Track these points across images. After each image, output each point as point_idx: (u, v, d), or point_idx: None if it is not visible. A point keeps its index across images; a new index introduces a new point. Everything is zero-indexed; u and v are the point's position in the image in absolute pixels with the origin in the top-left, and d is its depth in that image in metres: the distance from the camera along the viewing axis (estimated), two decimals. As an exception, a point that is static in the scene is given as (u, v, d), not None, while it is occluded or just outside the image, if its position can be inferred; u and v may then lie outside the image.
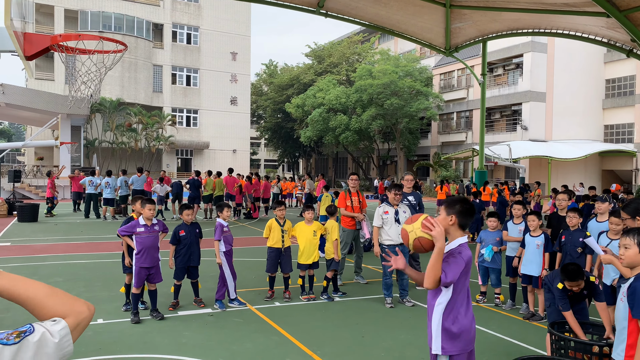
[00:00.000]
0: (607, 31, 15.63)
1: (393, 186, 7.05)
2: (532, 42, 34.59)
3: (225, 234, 6.64)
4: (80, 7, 36.84)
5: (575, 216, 5.30)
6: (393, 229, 6.88)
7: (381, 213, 6.95)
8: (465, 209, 2.95)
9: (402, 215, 6.99)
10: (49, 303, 1.28)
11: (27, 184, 28.43)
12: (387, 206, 7.00)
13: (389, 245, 6.88)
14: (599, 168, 36.35)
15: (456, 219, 2.93)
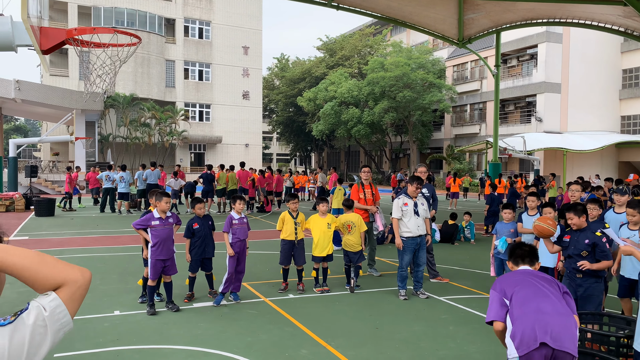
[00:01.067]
0: (624, 20, 15.35)
1: (414, 179, 7.02)
2: (547, 33, 34.09)
3: (235, 226, 6.65)
4: (93, 3, 37.10)
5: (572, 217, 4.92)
6: (412, 221, 6.86)
7: (400, 205, 6.92)
8: None
9: (420, 208, 6.96)
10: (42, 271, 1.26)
11: (43, 179, 28.82)
12: (407, 198, 6.97)
13: (408, 237, 6.87)
14: (615, 160, 35.81)
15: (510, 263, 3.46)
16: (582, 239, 4.90)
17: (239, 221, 6.69)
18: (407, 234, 6.87)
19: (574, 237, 5.00)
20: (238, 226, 6.68)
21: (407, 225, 6.87)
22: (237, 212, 6.74)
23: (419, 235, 6.91)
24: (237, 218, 6.69)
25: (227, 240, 6.61)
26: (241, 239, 6.66)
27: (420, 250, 6.98)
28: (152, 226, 6.16)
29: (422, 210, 6.99)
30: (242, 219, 6.75)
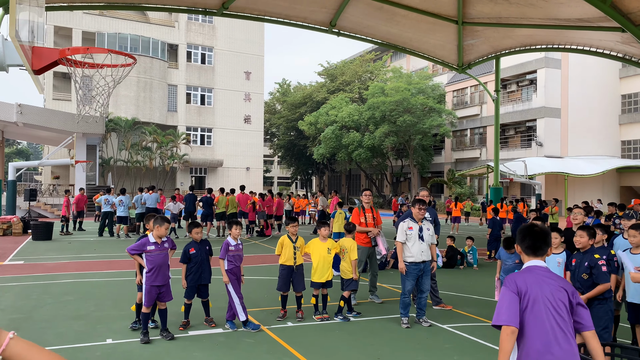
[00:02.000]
0: (622, 46, 15.46)
1: (417, 201, 6.84)
2: (546, 58, 34.41)
3: (232, 252, 6.52)
4: (97, 29, 37.62)
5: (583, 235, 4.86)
6: (416, 245, 6.65)
7: (405, 229, 6.73)
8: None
9: (425, 232, 6.76)
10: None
11: (43, 202, 28.72)
12: (412, 222, 6.78)
13: (411, 262, 6.66)
14: (617, 184, 35.71)
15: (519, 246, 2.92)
16: (583, 261, 4.90)
17: (235, 247, 6.56)
18: (411, 259, 6.67)
19: (578, 261, 5.00)
20: (234, 252, 6.54)
21: (410, 250, 6.67)
22: (233, 238, 6.61)
23: (423, 261, 6.70)
24: (233, 244, 6.56)
25: (223, 266, 6.48)
26: (237, 265, 6.54)
27: (424, 277, 6.76)
28: (147, 251, 6.02)
29: (428, 236, 6.78)
30: (238, 245, 6.63)
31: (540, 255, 2.77)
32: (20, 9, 2.95)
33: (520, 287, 2.64)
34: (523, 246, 2.82)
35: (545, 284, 2.65)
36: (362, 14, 16.47)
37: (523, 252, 2.83)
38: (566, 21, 14.51)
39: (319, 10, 16.18)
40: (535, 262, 2.76)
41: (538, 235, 2.78)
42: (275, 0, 15.31)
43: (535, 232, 2.79)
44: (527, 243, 2.80)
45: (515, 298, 2.61)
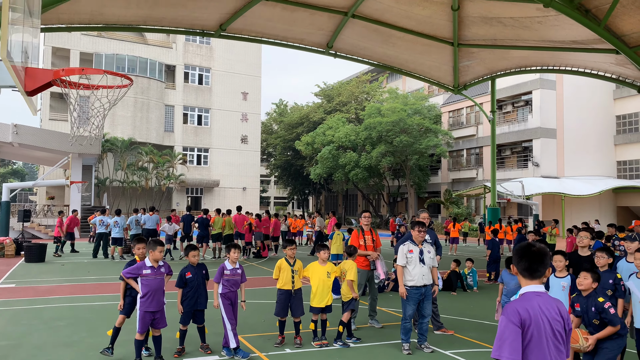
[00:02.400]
0: (616, 67, 15.58)
1: (416, 223, 6.72)
2: (541, 80, 34.74)
3: (227, 277, 6.38)
4: (95, 50, 37.84)
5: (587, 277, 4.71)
6: (417, 269, 6.51)
7: (405, 252, 6.60)
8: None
9: (426, 255, 6.62)
10: None
11: (37, 223, 28.45)
12: (412, 244, 6.65)
13: (412, 286, 6.51)
14: (613, 205, 35.74)
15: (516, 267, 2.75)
16: (589, 306, 4.72)
17: (231, 272, 6.40)
18: (411, 283, 6.51)
19: (583, 306, 4.81)
20: (230, 277, 6.39)
21: (411, 274, 6.53)
22: (231, 262, 6.47)
23: (424, 284, 6.56)
24: (229, 269, 6.41)
25: (216, 290, 6.33)
26: (233, 290, 6.39)
27: (426, 301, 6.60)
28: (142, 275, 5.88)
29: (429, 259, 6.65)
30: (236, 269, 6.48)
31: (537, 278, 2.63)
32: (13, 29, 2.90)
33: (523, 318, 2.50)
34: (520, 268, 2.68)
35: (545, 313, 2.54)
36: (359, 36, 16.58)
37: (520, 274, 2.68)
38: (560, 43, 14.64)
39: (315, 32, 16.29)
40: (533, 287, 2.62)
41: (535, 256, 2.63)
42: (272, 22, 15.41)
43: (533, 252, 2.64)
44: (523, 264, 2.65)
45: (518, 331, 2.47)
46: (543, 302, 2.55)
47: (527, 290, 2.61)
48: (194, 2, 13.47)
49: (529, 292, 2.60)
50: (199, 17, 14.68)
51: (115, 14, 13.92)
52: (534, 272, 2.63)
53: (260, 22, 15.21)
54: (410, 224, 6.89)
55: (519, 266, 2.68)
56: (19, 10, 2.96)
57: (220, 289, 6.34)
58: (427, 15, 14.64)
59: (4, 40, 2.58)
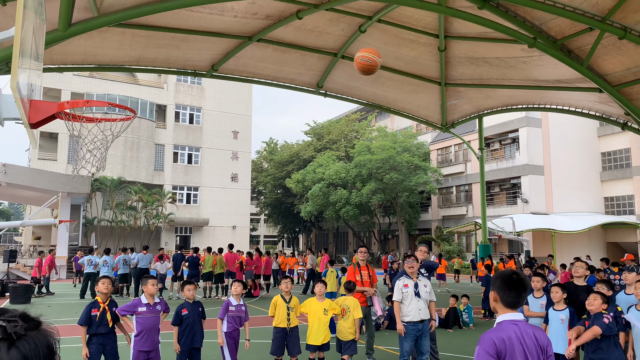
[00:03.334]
0: (600, 105, 16.01)
1: (407, 256, 6.66)
2: (527, 117, 35.52)
3: (232, 313, 6.29)
4: (87, 90, 38.16)
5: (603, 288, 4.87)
6: (413, 303, 6.36)
7: (401, 287, 6.47)
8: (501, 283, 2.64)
9: (422, 289, 6.49)
10: None
11: (22, 264, 27.88)
12: (407, 279, 6.52)
13: (409, 322, 6.35)
14: (603, 240, 35.97)
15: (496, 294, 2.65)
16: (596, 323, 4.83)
17: (236, 308, 6.30)
18: (408, 318, 6.35)
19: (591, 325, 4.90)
20: (235, 313, 6.29)
21: (407, 309, 6.40)
22: (236, 298, 6.39)
23: (421, 320, 6.40)
24: (234, 304, 6.31)
25: (220, 327, 6.21)
26: (237, 327, 6.27)
27: (424, 338, 6.45)
28: (138, 312, 5.75)
29: (425, 293, 6.51)
30: (240, 306, 6.38)
31: (516, 307, 2.55)
32: (20, 71, 2.97)
33: (499, 349, 2.41)
34: (498, 295, 2.59)
35: (522, 342, 2.45)
36: (348, 76, 16.94)
37: (499, 302, 2.59)
38: (545, 82, 15.07)
39: (306, 73, 16.62)
40: (511, 315, 2.53)
41: (515, 283, 2.55)
42: (264, 63, 15.73)
43: (513, 280, 2.55)
44: (502, 293, 2.57)
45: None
46: (520, 331, 2.48)
47: (504, 319, 2.54)
48: (186, 43, 13.75)
49: (505, 321, 2.53)
50: (191, 58, 14.95)
51: (108, 55, 14.12)
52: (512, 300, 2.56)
53: (251, 62, 15.51)
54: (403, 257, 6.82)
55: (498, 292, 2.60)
56: (26, 52, 3.03)
57: (225, 327, 6.22)
58: (415, 56, 15.06)
59: (14, 70, 2.64)
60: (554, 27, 11.48)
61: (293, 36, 13.81)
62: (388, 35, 13.94)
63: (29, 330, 0.98)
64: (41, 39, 4.14)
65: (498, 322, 2.58)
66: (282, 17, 12.43)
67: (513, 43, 12.46)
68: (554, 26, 11.43)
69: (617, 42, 11.15)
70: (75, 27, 8.96)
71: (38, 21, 3.83)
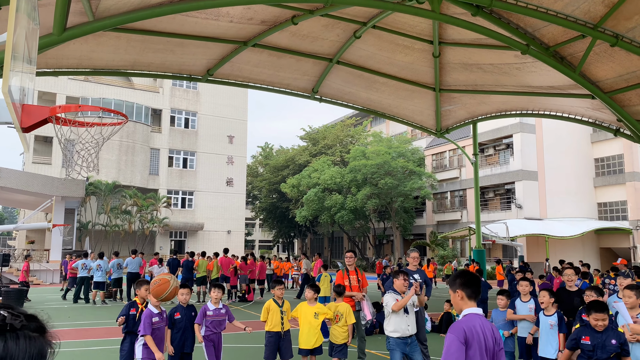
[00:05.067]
0: (593, 112, 16.14)
1: (398, 272, 6.48)
2: (521, 124, 35.72)
3: (210, 318, 6.30)
4: (82, 94, 38.10)
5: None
6: (402, 320, 6.22)
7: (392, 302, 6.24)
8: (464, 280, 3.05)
9: (410, 307, 6.34)
10: None
11: (15, 268, 27.71)
12: (396, 295, 6.33)
13: (398, 337, 6.20)
14: (596, 246, 36.14)
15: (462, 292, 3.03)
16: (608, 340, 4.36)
17: (214, 313, 6.32)
18: (396, 335, 6.21)
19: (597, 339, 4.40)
20: (212, 318, 6.29)
21: (396, 325, 6.23)
22: (213, 303, 6.40)
23: (409, 335, 6.26)
24: (212, 309, 6.33)
25: (198, 331, 6.24)
26: (216, 331, 6.28)
27: (414, 352, 6.31)
28: (154, 324, 5.66)
29: (412, 308, 6.36)
30: (219, 310, 6.40)
31: (474, 300, 2.99)
32: (12, 74, 2.99)
33: (468, 336, 2.81)
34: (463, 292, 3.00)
35: (485, 332, 2.88)
36: (343, 81, 17.03)
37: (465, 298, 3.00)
38: (539, 88, 15.19)
39: (301, 78, 16.69)
40: (474, 309, 2.96)
41: (472, 280, 3.03)
42: (259, 68, 15.78)
43: (470, 277, 3.05)
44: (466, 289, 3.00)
45: (462, 347, 2.79)
46: (482, 323, 2.91)
47: (470, 312, 2.95)
48: (182, 48, 13.78)
49: (471, 314, 2.94)
50: (187, 63, 14.98)
51: (103, 59, 14.13)
52: (473, 294, 3.00)
53: (247, 67, 15.56)
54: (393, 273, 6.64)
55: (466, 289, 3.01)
56: (18, 56, 3.06)
57: (203, 331, 6.23)
58: (410, 62, 15.15)
59: (6, 75, 2.66)
60: (547, 34, 11.59)
61: (288, 41, 13.88)
62: (383, 41, 14.02)
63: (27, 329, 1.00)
64: (34, 42, 4.16)
65: (465, 314, 2.98)
66: (278, 22, 12.50)
67: (506, 50, 12.56)
68: (546, 33, 11.55)
69: (609, 49, 11.27)
70: (71, 31, 8.97)
71: (31, 25, 3.85)
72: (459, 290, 3.02)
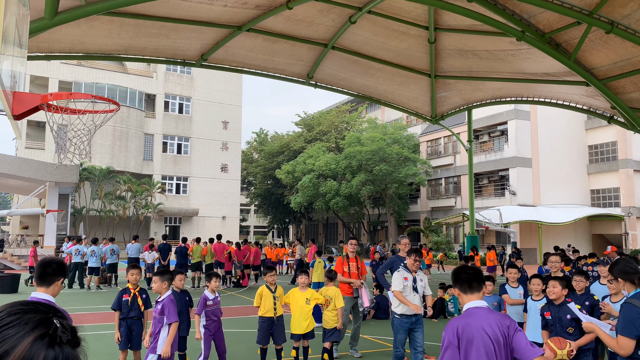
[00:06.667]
0: (587, 99, 16.17)
1: (412, 251, 6.56)
2: (516, 110, 35.74)
3: (210, 307, 6.34)
4: (75, 78, 37.73)
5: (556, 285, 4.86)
6: (409, 297, 6.34)
7: (401, 279, 6.43)
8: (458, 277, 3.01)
9: (419, 284, 6.46)
10: None
11: (9, 253, 27.67)
12: (406, 272, 6.48)
13: (402, 315, 6.35)
14: (588, 232, 36.46)
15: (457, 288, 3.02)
16: (563, 314, 4.79)
17: (213, 301, 6.38)
18: (402, 311, 6.36)
19: (554, 313, 4.90)
20: (213, 307, 6.35)
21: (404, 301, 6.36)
22: (211, 291, 6.44)
23: (415, 314, 6.40)
24: (211, 298, 6.38)
25: (198, 322, 6.27)
26: (215, 319, 6.33)
27: (418, 331, 6.43)
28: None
29: (421, 287, 6.50)
30: (217, 298, 6.46)
31: (476, 292, 2.91)
32: (3, 58, 2.96)
33: (459, 333, 2.76)
34: (458, 285, 2.97)
35: (484, 327, 2.75)
36: (338, 67, 16.93)
37: (460, 292, 2.96)
38: (533, 75, 15.18)
39: (296, 63, 16.58)
40: (475, 303, 2.88)
41: (471, 273, 2.94)
42: (253, 53, 15.65)
43: (468, 270, 2.97)
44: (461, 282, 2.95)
45: (453, 346, 2.75)
46: (482, 316, 2.81)
47: (469, 307, 2.89)
48: (176, 32, 13.64)
49: (470, 309, 2.88)
50: (181, 47, 14.84)
51: (96, 44, 13.97)
52: (471, 286, 2.92)
53: (241, 52, 15.44)
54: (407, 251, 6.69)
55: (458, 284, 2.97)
56: (9, 40, 3.02)
57: (204, 321, 6.27)
58: (405, 48, 15.08)
59: (-4, 63, 2.64)
60: (542, 21, 11.56)
61: (283, 26, 13.76)
62: (378, 26, 13.93)
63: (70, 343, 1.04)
64: (25, 27, 4.11)
65: (464, 309, 2.94)
66: (272, 6, 12.38)
67: (502, 36, 12.52)
68: (542, 19, 11.51)
69: (604, 36, 11.26)
70: (62, 15, 8.86)
71: (22, 9, 3.80)
72: (455, 288, 3.01)
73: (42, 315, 1.04)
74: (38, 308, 1.07)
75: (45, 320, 1.03)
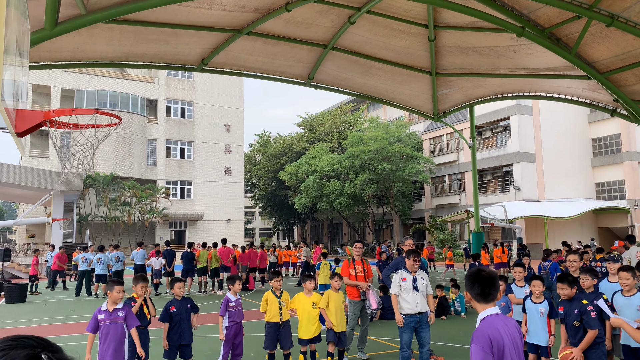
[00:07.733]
0: (589, 92, 16.10)
1: (411, 252, 6.64)
2: (518, 105, 35.63)
3: (232, 309, 6.44)
4: (76, 86, 37.86)
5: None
6: (411, 296, 6.42)
7: (399, 280, 6.52)
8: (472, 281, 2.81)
9: (420, 282, 6.52)
10: None
11: (16, 262, 27.81)
12: (405, 273, 6.57)
13: (407, 314, 6.41)
14: (594, 226, 36.31)
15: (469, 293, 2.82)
16: (573, 309, 5.05)
17: (235, 303, 6.48)
18: (406, 311, 6.41)
19: (566, 309, 5.13)
20: (235, 308, 6.45)
21: (406, 301, 6.45)
22: (233, 294, 6.52)
23: (419, 312, 6.44)
24: (234, 300, 6.48)
25: (221, 323, 6.35)
26: (237, 321, 6.40)
27: (423, 330, 6.47)
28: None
29: (422, 286, 6.55)
30: (239, 299, 6.54)
31: (491, 301, 2.73)
32: (5, 68, 2.96)
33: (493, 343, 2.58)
34: (473, 293, 2.77)
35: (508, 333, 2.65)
36: (339, 67, 16.92)
37: (474, 299, 2.78)
38: (535, 70, 15.12)
39: (296, 65, 16.58)
40: (490, 310, 2.71)
41: (486, 280, 2.73)
42: (253, 56, 15.67)
43: (483, 277, 2.74)
44: (476, 290, 2.74)
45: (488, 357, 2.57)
46: (502, 323, 2.67)
47: (487, 314, 2.71)
48: (176, 38, 13.67)
49: (489, 316, 2.70)
50: (181, 52, 14.87)
51: (97, 51, 14.02)
52: (487, 295, 2.72)
53: (241, 55, 15.45)
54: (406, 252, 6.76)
55: (472, 291, 2.76)
56: (10, 52, 3.03)
57: (226, 322, 6.35)
58: (405, 47, 15.05)
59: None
60: (542, 16, 11.51)
61: (282, 28, 13.77)
62: (378, 26, 13.91)
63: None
64: (26, 40, 4.13)
65: (482, 318, 2.73)
66: (271, 9, 12.38)
67: (502, 32, 12.48)
68: (541, 14, 11.46)
69: (605, 29, 11.20)
70: (63, 25, 8.89)
71: (23, 22, 3.82)
72: (467, 292, 2.81)
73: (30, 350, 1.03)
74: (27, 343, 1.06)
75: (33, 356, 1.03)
